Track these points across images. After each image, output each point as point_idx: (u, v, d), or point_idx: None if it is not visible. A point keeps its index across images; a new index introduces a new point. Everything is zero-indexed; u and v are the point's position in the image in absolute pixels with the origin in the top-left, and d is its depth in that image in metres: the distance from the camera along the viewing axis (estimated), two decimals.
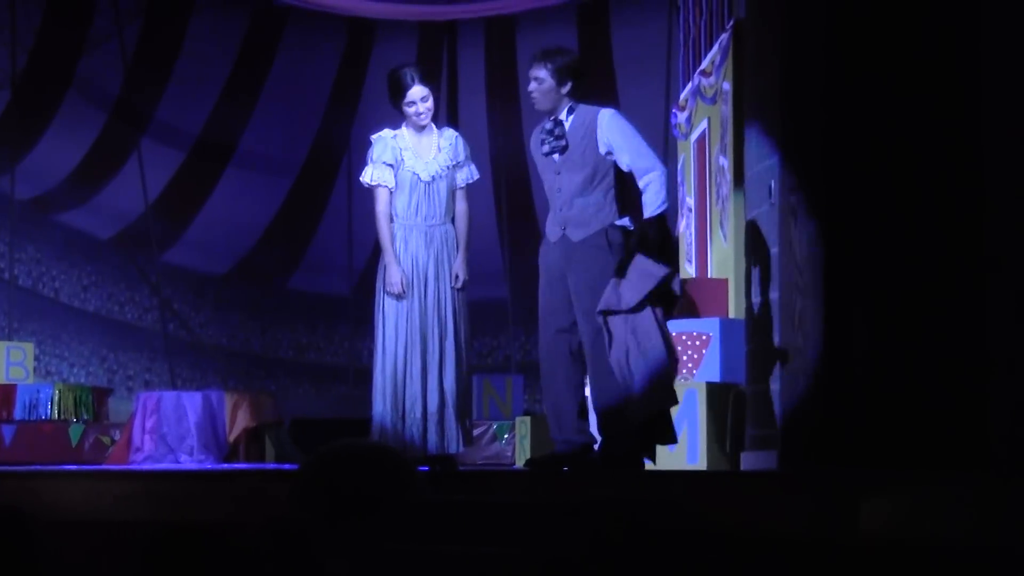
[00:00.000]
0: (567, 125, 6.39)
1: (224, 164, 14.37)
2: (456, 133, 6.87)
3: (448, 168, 6.70)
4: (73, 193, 13.93)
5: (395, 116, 6.85)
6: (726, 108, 8.46)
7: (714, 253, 8.90)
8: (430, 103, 6.72)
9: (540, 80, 6.37)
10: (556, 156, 6.39)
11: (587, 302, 6.22)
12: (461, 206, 6.76)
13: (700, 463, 7.23)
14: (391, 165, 6.68)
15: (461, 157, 6.75)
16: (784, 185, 6.28)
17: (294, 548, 3.33)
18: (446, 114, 14.26)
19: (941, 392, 5.93)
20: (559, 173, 6.38)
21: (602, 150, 6.33)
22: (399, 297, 6.57)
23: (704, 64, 9.24)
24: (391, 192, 6.68)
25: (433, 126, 6.78)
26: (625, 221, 6.34)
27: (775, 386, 6.31)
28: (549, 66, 6.36)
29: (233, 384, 14.03)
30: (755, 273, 6.64)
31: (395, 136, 6.73)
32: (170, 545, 2.94)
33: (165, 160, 14.05)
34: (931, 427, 5.89)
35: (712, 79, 8.90)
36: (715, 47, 8.93)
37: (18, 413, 10.90)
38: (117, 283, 14.78)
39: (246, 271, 15.12)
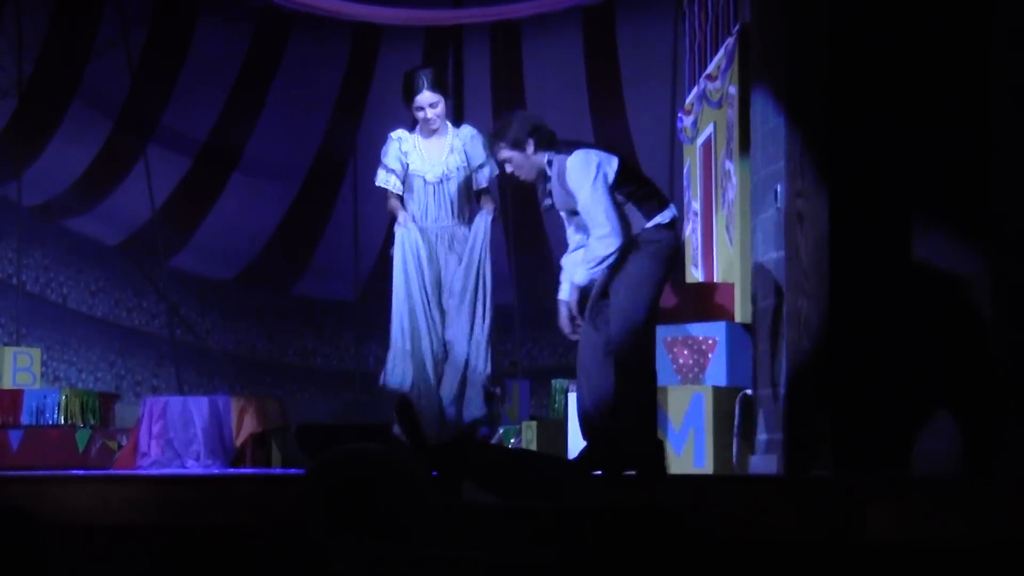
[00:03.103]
0: (551, 180, 6.19)
1: (230, 170, 14.38)
2: (474, 132, 6.75)
3: (460, 168, 6.63)
4: (80, 199, 13.95)
5: (401, 117, 6.86)
6: (732, 112, 8.46)
7: (720, 257, 8.90)
8: (439, 109, 6.62)
9: (507, 159, 6.18)
10: (555, 211, 6.27)
11: (622, 300, 6.04)
12: (489, 204, 6.68)
13: (707, 467, 7.22)
14: (394, 170, 6.64)
15: (482, 157, 6.65)
16: (790, 189, 6.29)
17: (301, 553, 3.33)
18: (452, 119, 14.25)
19: (948, 397, 5.93)
20: (571, 223, 6.23)
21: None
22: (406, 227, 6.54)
23: (710, 68, 9.24)
24: (400, 196, 6.66)
25: (448, 125, 6.70)
26: (659, 219, 6.10)
27: (781, 390, 6.31)
28: (502, 143, 6.16)
29: (240, 389, 14.04)
30: (761, 277, 6.64)
31: (400, 139, 6.67)
32: (177, 550, 2.95)
33: (171, 166, 14.06)
34: (938, 432, 5.89)
35: (718, 83, 8.90)
36: (721, 51, 8.93)
37: (25, 418, 10.91)
38: (124, 289, 14.80)
39: (252, 277, 15.13)
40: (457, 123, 6.88)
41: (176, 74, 13.84)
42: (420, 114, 6.59)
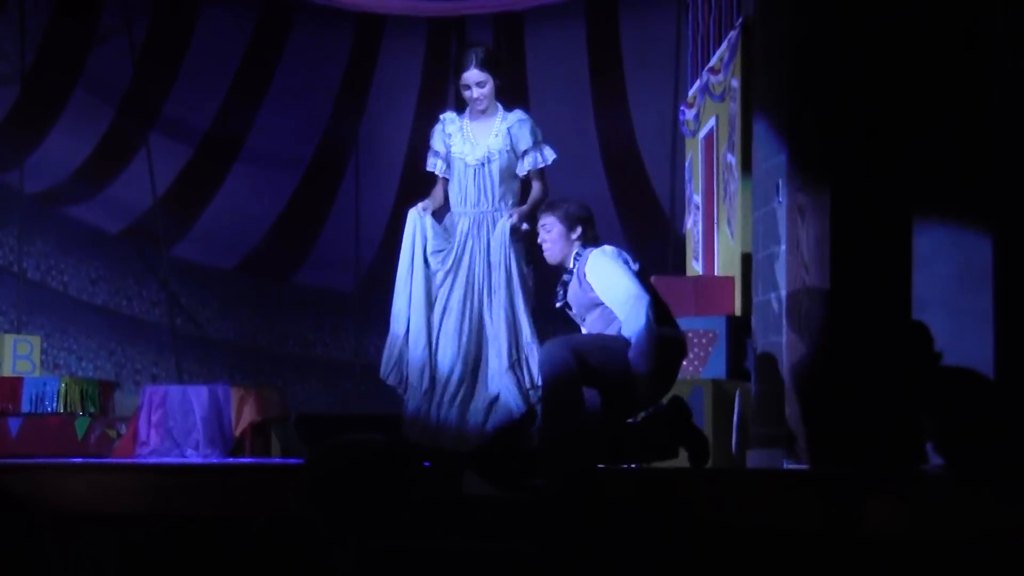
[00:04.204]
0: (572, 274, 6.05)
1: (232, 159, 14.37)
2: (523, 116, 6.46)
3: (502, 152, 6.32)
4: (82, 187, 13.94)
5: (403, 109, 6.79)
6: (734, 105, 8.46)
7: (721, 251, 8.90)
8: (487, 89, 6.35)
9: (548, 228, 6.06)
10: (569, 310, 6.11)
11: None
12: (536, 187, 6.35)
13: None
14: (439, 152, 6.43)
15: (528, 143, 6.34)
16: (792, 183, 6.28)
17: (299, 543, 3.33)
18: (455, 110, 14.23)
19: (949, 391, 5.93)
20: (583, 321, 6.07)
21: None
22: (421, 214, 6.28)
23: (713, 61, 9.24)
24: (447, 180, 6.42)
25: (499, 107, 6.43)
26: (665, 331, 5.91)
27: (781, 384, 6.31)
28: (555, 212, 6.05)
29: (239, 378, 14.04)
30: (762, 271, 6.64)
31: (444, 120, 6.48)
32: (176, 538, 2.95)
33: (173, 155, 14.05)
34: (938, 426, 5.89)
35: (721, 76, 8.89)
36: (724, 44, 8.92)
37: (24, 406, 10.92)
38: (125, 277, 14.79)
39: (253, 266, 15.13)
40: (460, 113, 6.64)
41: (178, 62, 13.83)
42: (467, 92, 6.37)
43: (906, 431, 5.96)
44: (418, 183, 15.26)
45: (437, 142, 6.47)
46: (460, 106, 6.60)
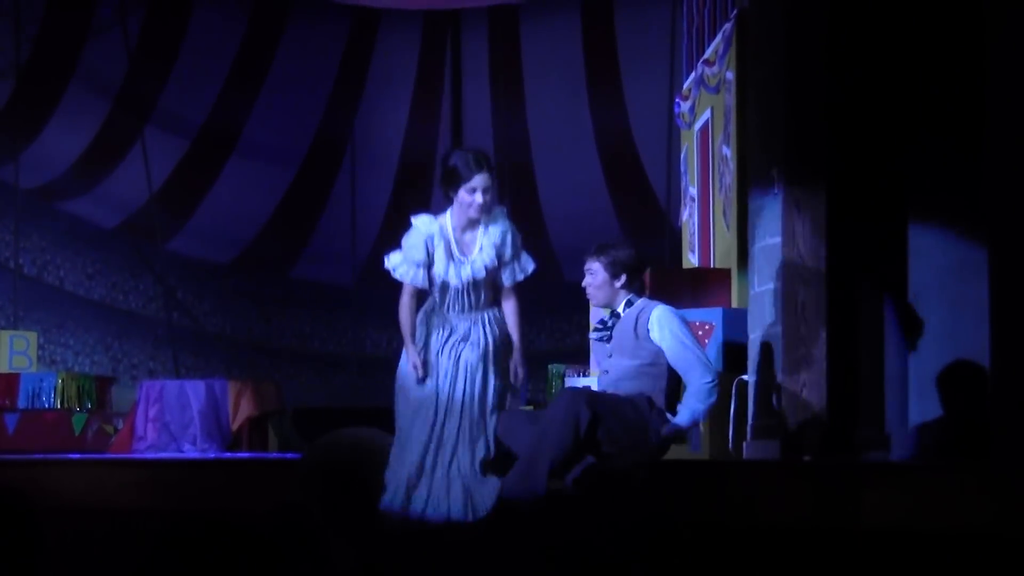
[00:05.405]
0: (622, 317, 6.08)
1: (228, 153, 14.37)
2: (507, 228, 5.96)
3: (487, 268, 5.90)
4: (77, 182, 13.95)
5: (399, 101, 6.70)
6: (729, 97, 8.46)
7: (717, 242, 8.90)
8: (491, 195, 5.85)
9: (593, 272, 6.09)
10: (606, 343, 6.17)
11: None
12: (510, 304, 5.97)
13: (703, 452, 7.24)
14: (420, 263, 5.88)
15: (508, 256, 5.95)
16: (787, 175, 6.29)
17: (298, 535, 3.33)
18: (450, 103, 14.24)
19: (943, 383, 5.94)
20: (610, 356, 6.10)
21: (654, 346, 5.99)
22: (422, 379, 5.80)
23: (707, 53, 9.24)
24: (420, 289, 5.94)
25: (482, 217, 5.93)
26: (673, 420, 5.88)
27: (778, 376, 6.32)
28: (602, 257, 6.05)
29: (236, 373, 14.04)
30: (758, 262, 6.64)
31: (430, 235, 5.89)
32: (173, 533, 2.95)
33: (169, 149, 14.06)
34: (932, 418, 5.90)
35: (715, 68, 8.89)
36: (718, 36, 8.92)
37: (21, 402, 10.92)
38: (121, 272, 14.80)
39: (250, 260, 15.13)
40: (455, 107, 6.25)
41: (174, 56, 13.83)
42: (471, 196, 5.81)
43: (902, 421, 5.97)
44: (413, 178, 15.28)
45: (418, 252, 5.89)
46: (456, 98, 6.36)
